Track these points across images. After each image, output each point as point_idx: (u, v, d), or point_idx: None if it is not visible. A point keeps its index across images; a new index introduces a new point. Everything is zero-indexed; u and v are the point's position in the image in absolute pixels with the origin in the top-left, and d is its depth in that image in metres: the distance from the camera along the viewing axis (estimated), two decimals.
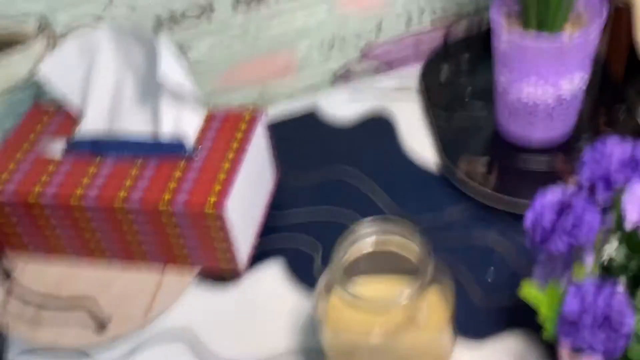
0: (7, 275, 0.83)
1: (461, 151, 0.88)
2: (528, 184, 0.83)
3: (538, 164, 0.85)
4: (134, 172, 0.77)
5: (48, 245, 0.82)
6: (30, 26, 0.89)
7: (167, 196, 0.74)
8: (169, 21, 0.93)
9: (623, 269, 0.55)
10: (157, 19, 0.93)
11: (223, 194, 0.73)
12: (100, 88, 0.83)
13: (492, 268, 0.77)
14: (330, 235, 0.84)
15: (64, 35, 0.91)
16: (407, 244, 0.64)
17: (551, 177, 0.83)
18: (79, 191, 0.76)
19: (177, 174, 0.76)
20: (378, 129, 0.96)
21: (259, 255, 0.83)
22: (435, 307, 0.63)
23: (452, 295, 0.64)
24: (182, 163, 0.77)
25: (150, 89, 0.81)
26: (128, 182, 0.76)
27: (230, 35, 0.98)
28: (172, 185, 0.75)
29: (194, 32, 0.96)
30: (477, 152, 0.88)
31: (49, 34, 0.90)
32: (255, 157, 0.81)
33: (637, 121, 0.88)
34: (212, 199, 0.73)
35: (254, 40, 0.99)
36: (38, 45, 0.91)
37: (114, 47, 0.83)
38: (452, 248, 0.80)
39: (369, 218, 0.64)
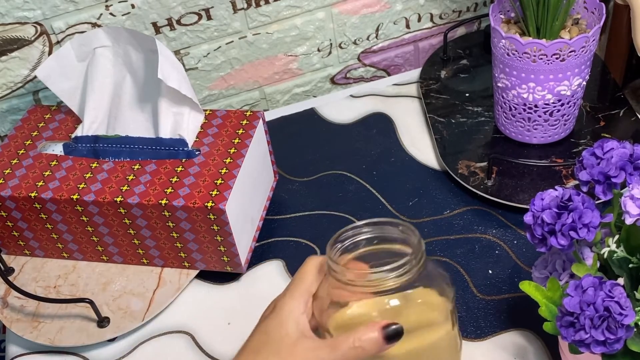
0: (8, 272, 0.83)
1: (461, 150, 0.88)
2: (528, 183, 0.83)
3: (538, 163, 0.85)
4: (135, 169, 0.77)
5: (49, 242, 0.82)
6: (28, 31, 0.89)
7: (168, 192, 0.74)
8: (167, 28, 0.94)
9: (623, 263, 0.55)
10: (154, 25, 0.93)
11: (223, 191, 0.74)
12: (99, 90, 0.83)
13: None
14: (330, 235, 0.84)
15: (61, 41, 0.91)
16: (404, 248, 0.61)
17: (551, 176, 0.84)
18: (81, 186, 0.76)
19: (178, 171, 0.76)
20: (378, 131, 0.96)
21: (259, 255, 0.83)
22: (432, 304, 0.61)
23: (452, 291, 0.61)
24: (183, 161, 0.77)
25: (149, 90, 0.81)
26: (130, 178, 0.76)
27: (228, 40, 0.98)
28: (174, 182, 0.75)
29: (192, 38, 0.96)
30: (477, 152, 0.88)
31: (47, 39, 0.91)
32: (255, 157, 0.81)
33: (636, 121, 0.88)
34: (213, 196, 0.73)
35: (252, 46, 1.00)
36: (35, 50, 0.91)
37: (112, 50, 0.83)
38: (452, 245, 0.81)
39: (363, 222, 0.60)
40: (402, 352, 0.58)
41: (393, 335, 0.55)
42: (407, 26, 1.06)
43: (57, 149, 0.82)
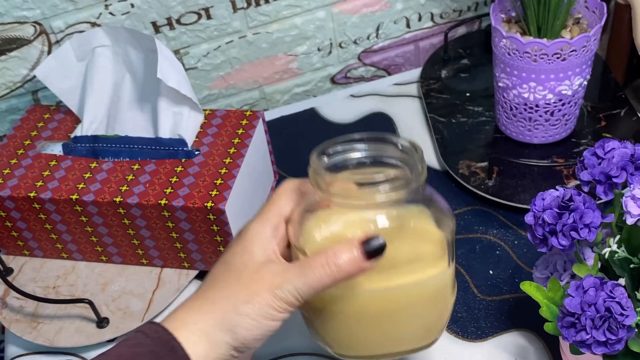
0: (7, 273, 0.83)
1: (462, 150, 0.88)
2: (529, 183, 0.83)
3: (539, 163, 0.85)
4: (135, 168, 0.77)
5: (48, 242, 0.82)
6: (28, 31, 0.89)
7: (167, 192, 0.74)
8: (166, 27, 0.93)
9: (624, 264, 0.55)
10: (153, 25, 0.93)
11: (223, 191, 0.73)
12: (98, 90, 0.83)
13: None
14: None
15: (60, 41, 0.91)
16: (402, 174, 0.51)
17: (552, 176, 0.83)
18: (80, 186, 0.76)
19: (178, 171, 0.76)
20: (378, 131, 0.95)
21: None
22: (427, 232, 0.52)
23: (451, 221, 0.53)
24: (183, 161, 0.77)
25: (149, 90, 0.81)
26: (129, 178, 0.76)
27: (228, 40, 0.98)
28: (173, 182, 0.75)
29: (192, 37, 0.96)
30: (478, 152, 0.88)
31: (46, 38, 0.91)
32: (255, 157, 0.81)
33: (637, 121, 0.88)
34: (213, 196, 0.73)
35: (252, 45, 0.99)
36: (35, 50, 0.91)
37: (112, 49, 0.83)
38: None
39: (358, 135, 0.52)
40: (386, 286, 0.50)
41: (374, 250, 0.47)
42: (408, 25, 1.05)
43: (56, 148, 0.82)
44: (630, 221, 0.55)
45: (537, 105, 0.82)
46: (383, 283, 0.49)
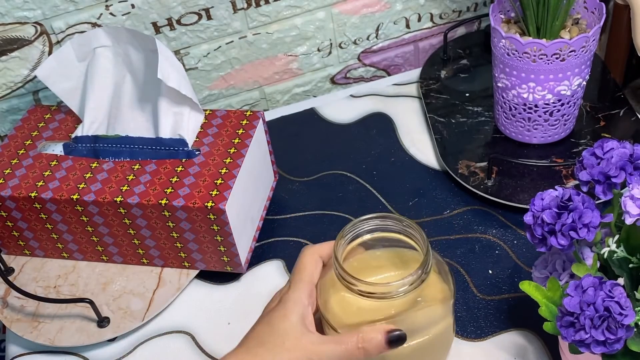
0: (8, 272, 0.83)
1: (461, 150, 0.88)
2: (528, 183, 0.83)
3: (538, 163, 0.85)
4: (135, 168, 0.77)
5: (49, 242, 0.82)
6: (28, 31, 0.89)
7: (168, 192, 0.74)
8: (167, 27, 0.94)
9: (623, 263, 0.55)
10: (154, 25, 0.93)
11: (223, 191, 0.74)
12: (99, 90, 0.83)
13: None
14: (330, 235, 0.84)
15: (61, 41, 0.91)
16: (406, 239, 0.63)
17: (551, 176, 0.84)
18: (81, 186, 0.76)
19: (178, 171, 0.76)
20: (378, 131, 0.96)
21: (259, 255, 0.83)
22: (436, 291, 0.63)
23: (452, 284, 0.63)
24: (183, 161, 0.77)
25: (149, 90, 0.81)
26: (130, 178, 0.76)
27: (228, 40, 0.98)
28: (174, 182, 0.75)
29: (192, 38, 0.96)
30: (477, 152, 0.88)
31: (47, 39, 0.91)
32: (255, 157, 0.81)
33: (636, 121, 0.88)
34: (213, 196, 0.73)
35: (252, 46, 1.00)
36: (35, 50, 0.91)
37: (112, 50, 0.83)
38: (452, 245, 0.81)
39: (368, 215, 0.63)
40: (409, 344, 0.60)
41: (396, 340, 0.57)
42: (407, 26, 1.06)
43: (57, 148, 0.82)
44: (629, 221, 0.55)
45: (536, 106, 0.82)
46: (404, 347, 0.59)
